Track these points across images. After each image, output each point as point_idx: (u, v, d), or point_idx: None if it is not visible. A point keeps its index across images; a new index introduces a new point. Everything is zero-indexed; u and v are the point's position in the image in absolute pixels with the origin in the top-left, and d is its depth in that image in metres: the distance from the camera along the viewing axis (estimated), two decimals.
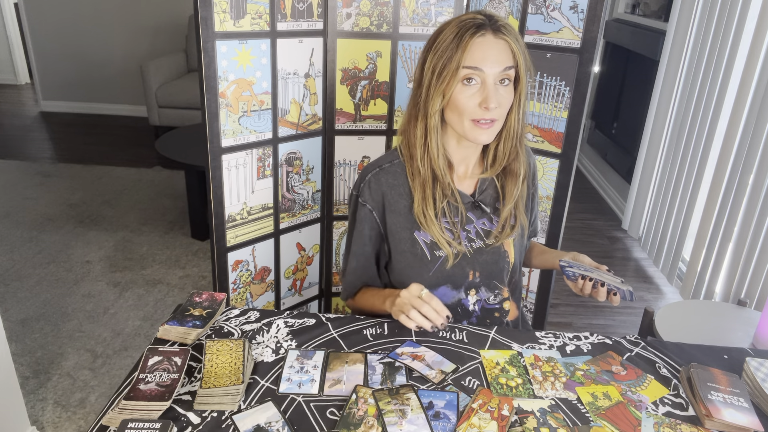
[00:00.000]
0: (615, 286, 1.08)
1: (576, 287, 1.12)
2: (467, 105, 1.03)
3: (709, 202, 2.48)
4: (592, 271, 1.10)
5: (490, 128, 1.05)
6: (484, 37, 1.01)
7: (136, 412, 0.85)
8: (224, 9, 1.42)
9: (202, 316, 1.08)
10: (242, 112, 1.53)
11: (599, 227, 3.49)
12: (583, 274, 1.09)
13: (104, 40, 5.18)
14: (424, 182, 1.11)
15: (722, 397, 0.92)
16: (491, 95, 1.01)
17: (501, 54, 1.02)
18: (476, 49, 1.01)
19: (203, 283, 2.68)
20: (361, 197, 1.17)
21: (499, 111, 1.04)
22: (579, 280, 1.10)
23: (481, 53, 1.01)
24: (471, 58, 1.01)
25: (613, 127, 3.80)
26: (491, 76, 1.01)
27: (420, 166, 1.11)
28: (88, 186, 3.76)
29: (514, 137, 1.12)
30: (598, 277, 1.09)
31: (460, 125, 1.06)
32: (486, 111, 1.02)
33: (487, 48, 1.01)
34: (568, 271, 1.11)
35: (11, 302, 2.48)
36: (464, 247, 1.16)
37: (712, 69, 2.51)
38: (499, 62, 1.02)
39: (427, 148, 1.10)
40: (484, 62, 1.01)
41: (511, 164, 1.15)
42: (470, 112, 1.03)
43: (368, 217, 1.17)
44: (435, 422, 0.87)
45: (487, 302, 1.21)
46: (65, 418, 1.88)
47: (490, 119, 1.04)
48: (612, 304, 1.09)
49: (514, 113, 1.08)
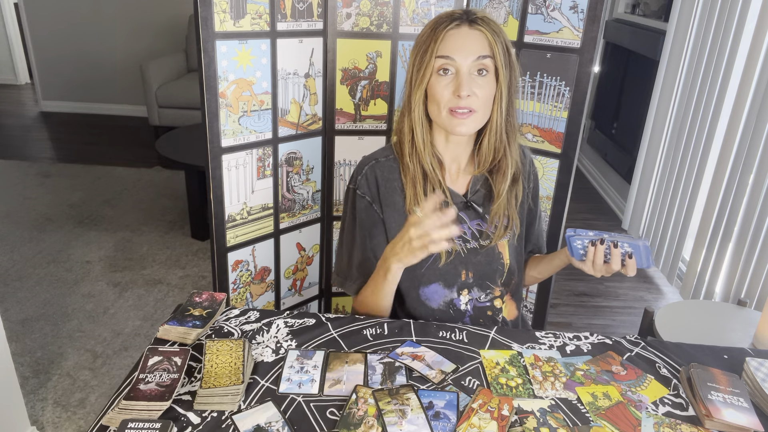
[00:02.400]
0: (630, 243, 1.02)
1: (586, 265, 1.08)
2: (443, 94, 1.04)
3: (709, 202, 2.48)
4: (600, 233, 1.05)
5: (467, 118, 1.04)
6: (459, 28, 1.04)
7: (136, 412, 0.85)
8: (224, 9, 1.42)
9: (202, 316, 1.08)
10: (242, 112, 1.53)
11: (599, 227, 3.48)
12: (593, 239, 1.04)
13: (104, 40, 5.18)
14: (415, 179, 1.11)
15: (722, 397, 0.92)
16: (464, 83, 1.02)
17: (475, 43, 1.03)
18: (449, 39, 1.03)
19: (203, 283, 2.68)
20: (359, 190, 1.16)
21: (475, 101, 1.03)
22: (590, 248, 1.05)
23: (453, 43, 1.03)
24: (443, 48, 1.03)
25: (613, 127, 3.80)
26: (465, 66, 1.03)
27: (409, 161, 1.12)
28: (88, 186, 3.76)
29: (498, 131, 1.10)
30: (611, 238, 1.03)
31: (439, 116, 1.07)
32: (459, 99, 1.02)
33: (460, 38, 1.03)
34: (575, 241, 1.05)
35: (11, 302, 2.48)
36: (457, 246, 1.15)
37: (712, 69, 2.51)
38: (473, 51, 1.03)
39: (414, 143, 1.11)
40: (457, 52, 1.02)
41: (499, 162, 1.15)
42: (446, 101, 1.04)
43: (368, 210, 1.16)
44: (435, 422, 0.87)
45: (478, 301, 1.20)
46: (65, 418, 1.88)
47: (467, 108, 1.03)
48: (627, 274, 1.05)
49: (497, 106, 1.07)
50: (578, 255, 1.09)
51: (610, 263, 1.06)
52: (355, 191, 1.17)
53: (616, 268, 1.06)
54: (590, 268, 1.08)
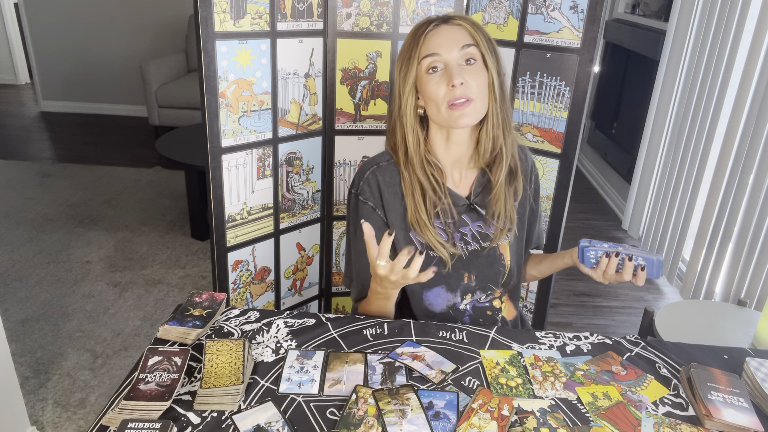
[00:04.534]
0: (645, 257, 1.02)
1: (596, 273, 1.08)
2: (437, 92, 1.05)
3: (709, 202, 2.48)
4: (616, 246, 1.04)
5: (467, 107, 1.04)
6: (438, 27, 1.07)
7: (136, 412, 0.85)
8: (224, 9, 1.42)
9: (202, 316, 1.08)
10: (242, 112, 1.53)
11: (599, 227, 3.49)
12: (608, 251, 1.04)
13: (104, 40, 5.18)
14: (413, 187, 1.11)
15: (722, 397, 0.92)
16: (454, 72, 1.03)
17: (456, 35, 1.05)
18: (431, 38, 1.06)
19: (203, 283, 2.68)
20: (362, 195, 1.16)
21: (470, 89, 1.04)
22: (603, 259, 1.05)
23: (436, 40, 1.05)
24: (427, 47, 1.05)
25: (613, 127, 3.80)
26: (452, 58, 1.04)
27: (404, 170, 1.12)
28: (88, 186, 3.76)
29: (494, 118, 1.10)
30: (627, 251, 1.03)
31: (439, 115, 1.07)
32: (454, 89, 1.03)
33: (441, 35, 1.06)
34: (589, 252, 1.05)
35: (11, 302, 2.48)
36: (459, 249, 1.15)
37: (712, 69, 2.51)
38: (457, 42, 1.05)
39: (408, 156, 1.11)
40: (440, 47, 1.04)
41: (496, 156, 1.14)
42: (442, 97, 1.05)
43: (372, 215, 1.16)
44: (435, 422, 0.87)
45: (478, 301, 1.20)
46: (65, 418, 1.88)
47: (464, 98, 1.03)
48: (636, 284, 1.06)
49: (491, 93, 1.07)
50: (589, 263, 1.09)
51: (621, 273, 1.07)
52: (358, 197, 1.17)
53: (627, 279, 1.07)
54: (600, 276, 1.09)
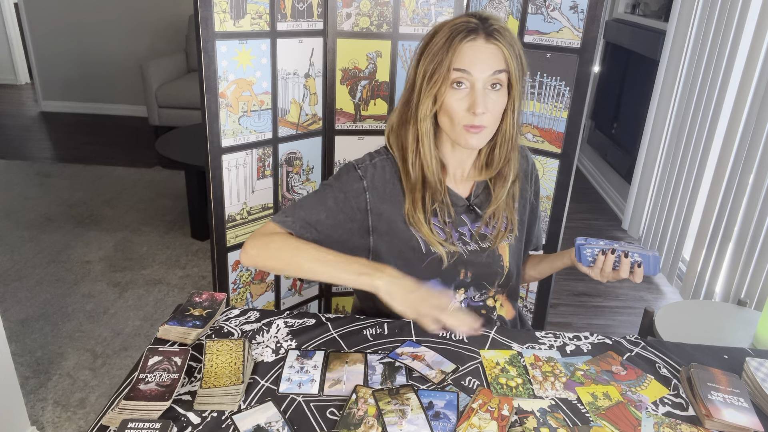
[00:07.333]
0: (640, 254, 1.03)
1: (594, 271, 1.09)
2: (457, 109, 1.03)
3: (709, 202, 2.48)
4: (612, 243, 1.05)
5: (480, 133, 1.04)
6: (475, 41, 1.02)
7: (136, 412, 0.85)
8: (224, 9, 1.42)
9: (202, 316, 1.08)
10: (242, 112, 1.53)
11: (599, 227, 3.49)
12: (604, 249, 1.05)
13: (104, 40, 5.18)
14: (415, 186, 1.11)
15: (722, 397, 0.92)
16: (479, 100, 1.01)
17: (491, 58, 1.02)
18: (466, 52, 1.01)
19: (203, 283, 2.68)
20: (361, 170, 1.13)
21: (488, 117, 1.03)
22: (599, 257, 1.06)
23: (471, 57, 1.01)
24: (460, 61, 1.01)
25: (613, 127, 3.80)
26: (480, 81, 1.01)
27: (411, 170, 1.11)
28: (88, 186, 3.76)
29: (509, 141, 1.11)
30: (622, 248, 1.03)
31: (452, 130, 1.06)
32: (474, 116, 1.02)
33: (477, 52, 1.01)
34: (586, 249, 1.06)
35: (11, 302, 2.48)
36: (458, 248, 1.15)
37: (712, 69, 2.51)
38: (489, 66, 1.01)
39: (419, 153, 1.09)
40: (473, 66, 1.01)
41: (503, 168, 1.15)
42: (460, 118, 1.03)
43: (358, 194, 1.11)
44: (435, 422, 0.87)
45: (472, 300, 1.20)
46: (65, 418, 1.88)
47: (481, 126, 1.03)
48: (634, 281, 1.06)
49: (509, 118, 1.07)
50: (587, 262, 1.10)
51: (618, 271, 1.07)
52: (356, 169, 1.13)
53: (624, 276, 1.07)
54: (597, 274, 1.10)
